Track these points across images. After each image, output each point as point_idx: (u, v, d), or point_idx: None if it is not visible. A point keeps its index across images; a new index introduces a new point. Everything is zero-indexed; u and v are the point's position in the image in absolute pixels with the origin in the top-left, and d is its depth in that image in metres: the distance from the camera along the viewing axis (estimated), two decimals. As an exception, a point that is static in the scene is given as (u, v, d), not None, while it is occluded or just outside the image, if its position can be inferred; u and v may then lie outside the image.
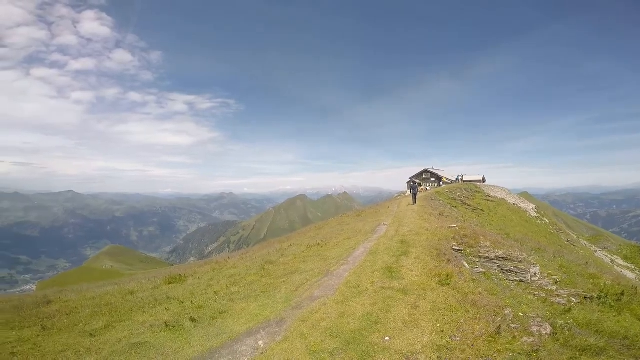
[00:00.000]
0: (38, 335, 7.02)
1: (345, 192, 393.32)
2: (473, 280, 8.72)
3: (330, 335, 6.13)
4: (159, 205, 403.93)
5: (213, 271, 13.69)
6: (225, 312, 7.64)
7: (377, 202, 56.80)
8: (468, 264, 10.68)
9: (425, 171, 63.48)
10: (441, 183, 58.71)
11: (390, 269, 9.76)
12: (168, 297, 9.35)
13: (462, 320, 6.47)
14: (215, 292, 9.49)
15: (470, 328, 6.13)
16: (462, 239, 13.28)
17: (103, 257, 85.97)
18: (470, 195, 41.77)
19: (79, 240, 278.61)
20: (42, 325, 7.61)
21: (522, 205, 48.27)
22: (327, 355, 5.52)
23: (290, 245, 17.30)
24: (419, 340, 5.92)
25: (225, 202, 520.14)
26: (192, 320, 7.15)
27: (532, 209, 48.91)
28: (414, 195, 31.40)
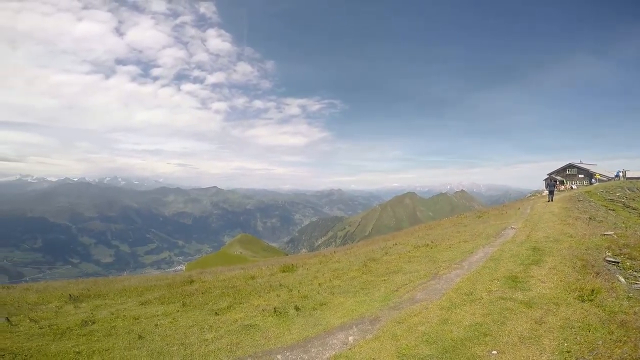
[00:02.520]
0: (178, 311, 8.49)
1: (462, 190, 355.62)
2: (629, 298, 6.83)
3: (427, 341, 5.65)
4: (280, 200, 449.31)
5: (320, 263, 14.46)
6: (325, 304, 7.95)
7: (504, 203, 49.82)
8: (625, 279, 8.41)
9: (571, 166, 52.36)
10: (593, 180, 47.53)
11: (515, 279, 8.36)
12: (280, 285, 10.31)
13: (599, 342, 5.13)
14: (319, 283, 10.00)
15: (608, 351, 4.83)
16: (620, 249, 10.51)
17: (235, 244, 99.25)
18: (636, 195, 32.78)
19: (220, 228, 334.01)
20: (182, 302, 9.27)
21: None
22: None
23: (395, 244, 16.81)
24: (534, 358, 4.94)
25: (334, 198, 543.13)
26: (296, 308, 7.66)
27: None
28: (551, 193, 27.49)
